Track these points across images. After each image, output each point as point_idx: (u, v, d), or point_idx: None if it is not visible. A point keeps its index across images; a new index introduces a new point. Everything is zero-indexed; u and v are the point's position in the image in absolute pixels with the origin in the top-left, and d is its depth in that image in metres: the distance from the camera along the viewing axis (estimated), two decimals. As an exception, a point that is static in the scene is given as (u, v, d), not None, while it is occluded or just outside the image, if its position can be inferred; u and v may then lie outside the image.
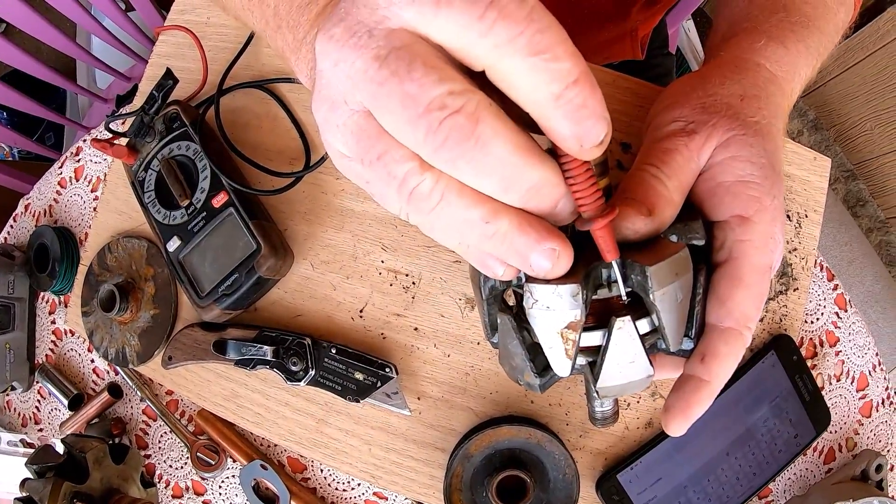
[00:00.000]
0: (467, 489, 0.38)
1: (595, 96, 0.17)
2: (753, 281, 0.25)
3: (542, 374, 0.25)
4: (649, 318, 0.24)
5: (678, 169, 0.26)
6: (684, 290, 0.24)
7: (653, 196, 0.25)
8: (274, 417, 0.39)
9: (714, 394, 0.25)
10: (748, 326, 0.25)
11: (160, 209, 0.39)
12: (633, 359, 0.24)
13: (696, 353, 0.25)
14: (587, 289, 0.22)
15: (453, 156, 0.17)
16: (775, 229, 0.26)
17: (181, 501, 0.45)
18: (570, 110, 0.17)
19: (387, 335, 0.38)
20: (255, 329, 0.38)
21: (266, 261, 0.36)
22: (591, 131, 0.18)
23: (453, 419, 0.38)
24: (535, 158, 0.18)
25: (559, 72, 0.17)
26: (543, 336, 0.23)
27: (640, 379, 0.24)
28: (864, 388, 0.47)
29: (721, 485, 0.41)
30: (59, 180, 0.49)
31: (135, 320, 0.42)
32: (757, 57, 0.31)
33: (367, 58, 0.17)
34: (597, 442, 0.39)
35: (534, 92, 0.17)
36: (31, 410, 0.50)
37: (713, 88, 0.28)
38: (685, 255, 0.24)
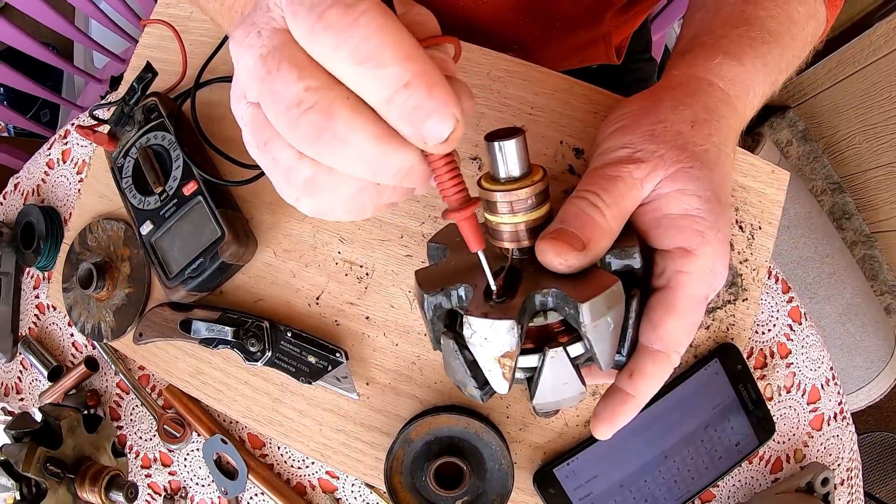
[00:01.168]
0: (407, 472, 0.44)
1: (434, 97, 0.19)
2: (687, 310, 0.28)
3: (482, 387, 0.28)
4: (583, 342, 0.27)
5: (620, 197, 0.28)
6: (615, 319, 0.26)
7: (590, 228, 0.27)
8: (234, 395, 0.45)
9: (639, 407, 0.29)
10: (677, 351, 0.28)
11: (136, 194, 0.45)
12: (565, 380, 0.27)
13: (625, 369, 0.28)
14: (523, 321, 0.25)
15: (315, 148, 0.20)
16: (717, 263, 0.28)
17: (149, 471, 0.52)
18: (402, 113, 0.19)
19: (340, 322, 0.44)
20: (218, 311, 0.44)
21: (229, 247, 0.42)
22: (430, 131, 0.19)
23: (399, 405, 0.44)
24: (395, 144, 0.20)
25: (386, 77, 0.18)
26: (482, 361, 0.26)
27: (572, 396, 0.28)
28: (816, 402, 0.51)
29: (658, 486, 0.46)
30: (47, 161, 0.56)
31: (111, 298, 0.48)
32: (711, 76, 0.32)
33: (254, 56, 0.20)
34: (536, 436, 0.44)
35: (367, 95, 0.19)
36: (13, 380, 0.57)
37: (664, 114, 0.30)
38: (618, 289, 0.26)
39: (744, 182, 0.46)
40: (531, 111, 0.44)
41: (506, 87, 0.44)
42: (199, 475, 0.50)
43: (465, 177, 0.23)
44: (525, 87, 0.44)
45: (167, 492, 0.52)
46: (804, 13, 0.37)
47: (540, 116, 0.44)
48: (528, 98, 0.44)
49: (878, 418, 1.09)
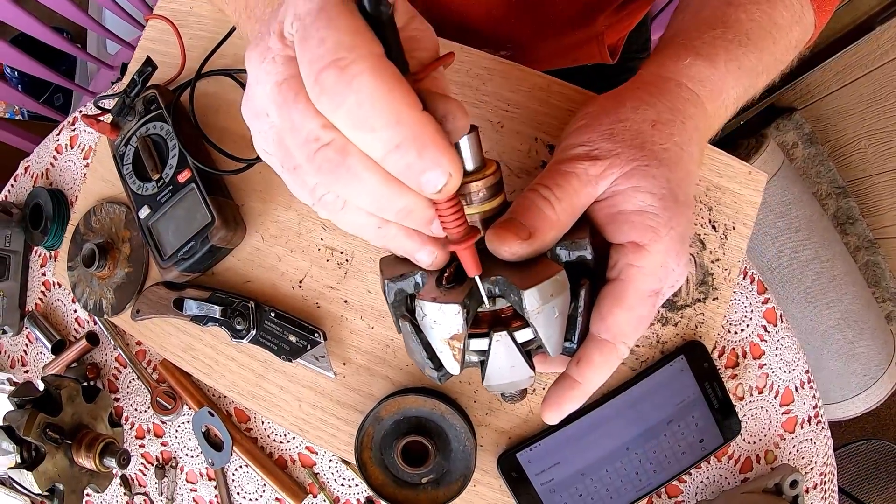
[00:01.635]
0: (377, 448, 0.48)
1: (424, 158, 0.21)
2: (635, 304, 0.29)
3: (439, 369, 0.31)
4: (530, 329, 0.29)
5: (572, 192, 0.29)
6: (560, 307, 0.28)
7: (537, 219, 0.29)
8: (222, 370, 0.50)
9: (586, 394, 0.31)
10: (624, 342, 0.30)
11: (135, 180, 0.50)
12: (513, 364, 0.30)
13: (574, 357, 0.30)
14: (470, 305, 0.28)
15: (328, 181, 0.22)
16: (669, 259, 0.29)
17: (143, 442, 0.57)
18: (397, 170, 0.21)
19: (321, 305, 0.48)
20: (209, 290, 0.49)
21: (218, 232, 0.47)
22: (425, 185, 0.22)
23: (373, 385, 0.48)
24: (403, 188, 0.22)
25: (378, 140, 0.20)
26: (435, 343, 0.29)
27: (522, 379, 0.30)
28: (789, 404, 0.53)
29: (619, 477, 0.48)
30: (56, 146, 0.62)
31: (111, 276, 0.54)
32: (679, 76, 0.34)
33: (272, 83, 0.22)
34: (502, 421, 0.48)
35: (366, 151, 0.21)
36: (19, 353, 0.63)
37: (625, 113, 0.31)
38: (562, 277, 0.28)
39: (719, 182, 0.48)
40: (507, 108, 0.48)
41: (484, 84, 0.48)
42: (189, 446, 0.56)
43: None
44: (503, 84, 0.48)
45: (159, 461, 0.57)
46: (789, 18, 0.38)
47: (516, 113, 0.48)
48: (505, 95, 0.48)
49: (875, 426, 1.10)
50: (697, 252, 0.50)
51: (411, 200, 0.23)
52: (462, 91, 0.48)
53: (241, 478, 0.54)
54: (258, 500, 0.53)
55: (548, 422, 0.32)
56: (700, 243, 0.49)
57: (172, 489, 0.56)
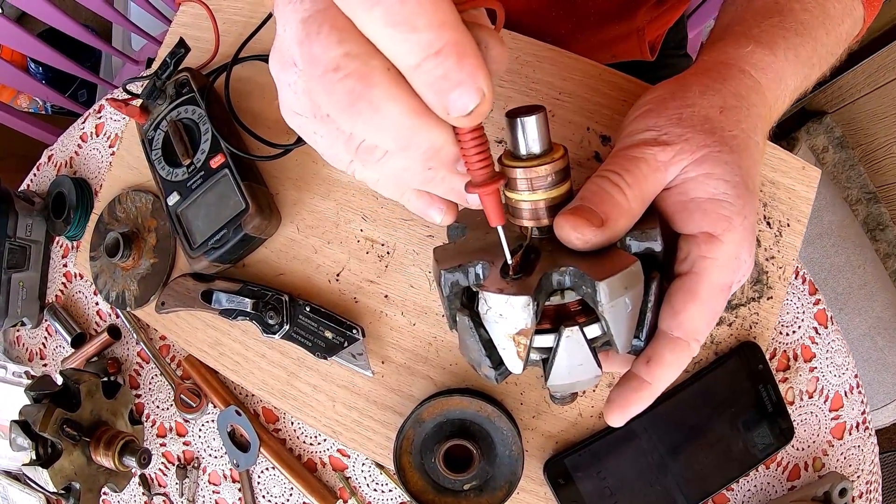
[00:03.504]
0: (417, 453, 0.43)
1: (462, 68, 0.18)
2: (709, 298, 0.27)
3: (497, 367, 0.28)
4: (599, 324, 0.26)
5: (642, 178, 0.27)
6: (633, 300, 0.26)
7: (609, 206, 0.26)
8: (251, 367, 0.45)
9: (654, 395, 0.28)
10: (696, 339, 0.27)
11: (165, 166, 0.46)
12: (581, 362, 0.26)
13: (643, 355, 0.27)
14: (539, 298, 0.25)
15: (349, 114, 0.19)
16: (742, 250, 0.27)
17: (164, 440, 0.52)
18: (428, 81, 0.18)
19: (359, 300, 0.44)
20: (239, 283, 0.44)
21: (252, 219, 0.42)
22: (455, 102, 0.19)
23: (413, 386, 0.43)
24: (427, 120, 0.20)
25: (417, 43, 0.17)
26: (497, 339, 0.26)
27: (587, 379, 0.27)
28: (838, 409, 0.49)
29: (670, 484, 0.44)
30: (80, 134, 0.57)
31: (136, 267, 0.49)
32: (742, 63, 0.32)
33: (297, 20, 0.19)
34: (549, 425, 0.43)
35: (397, 59, 0.18)
36: (38, 346, 0.58)
37: (692, 98, 0.29)
38: (637, 269, 0.26)
39: (773, 177, 0.44)
40: (559, 96, 0.43)
41: (534, 71, 0.44)
42: (213, 446, 0.50)
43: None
44: (554, 72, 0.44)
45: (180, 461, 0.52)
46: (840, 9, 0.36)
47: (568, 102, 0.43)
48: (556, 83, 0.44)
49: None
50: (753, 250, 0.45)
51: (437, 135, 0.21)
52: (511, 78, 0.43)
53: (268, 480, 0.49)
54: (285, 505, 0.48)
55: (612, 424, 0.29)
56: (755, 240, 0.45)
57: (194, 490, 0.51)
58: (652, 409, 0.44)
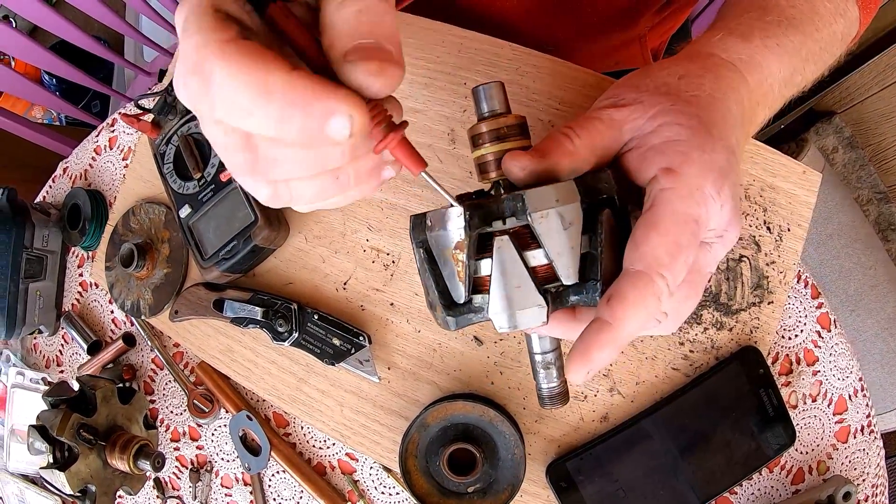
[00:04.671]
0: (422, 456, 0.45)
1: (312, 113, 0.20)
2: (669, 228, 0.26)
3: (448, 308, 0.28)
4: (542, 251, 0.26)
5: (592, 130, 0.28)
6: (569, 217, 0.26)
7: (552, 144, 0.28)
8: (261, 373, 0.47)
9: (617, 340, 0.25)
10: (661, 274, 0.25)
11: (176, 179, 0.48)
12: (519, 282, 0.26)
13: (604, 296, 0.26)
14: (476, 215, 0.26)
15: (262, 178, 0.23)
16: (705, 182, 0.26)
17: (178, 444, 0.55)
18: (299, 139, 0.21)
19: (366, 307, 0.45)
20: (250, 292, 0.47)
21: (261, 231, 0.44)
22: (334, 136, 0.21)
23: (418, 391, 0.45)
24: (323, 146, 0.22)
25: (261, 121, 0.20)
26: (440, 260, 0.27)
27: (531, 309, 0.26)
28: (842, 412, 0.50)
29: (672, 488, 0.46)
30: (94, 147, 0.60)
31: (150, 277, 0.51)
32: (709, 48, 0.33)
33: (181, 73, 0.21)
34: (551, 429, 0.45)
35: (262, 134, 0.21)
36: (54, 353, 0.61)
37: (653, 72, 0.31)
38: (569, 185, 0.27)
39: (773, 182, 0.45)
40: (558, 106, 0.45)
41: (534, 82, 0.46)
42: (225, 450, 0.53)
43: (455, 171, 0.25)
44: (553, 82, 0.45)
45: (194, 465, 0.54)
46: (832, 9, 0.36)
47: (567, 111, 0.45)
48: (555, 93, 0.45)
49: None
50: (752, 254, 0.47)
51: (337, 151, 0.22)
52: (512, 90, 0.45)
53: (278, 483, 0.51)
54: (295, 507, 0.51)
55: (573, 379, 0.26)
56: (755, 245, 0.46)
57: (207, 493, 0.53)
58: (653, 413, 0.45)
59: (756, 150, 0.45)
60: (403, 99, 0.46)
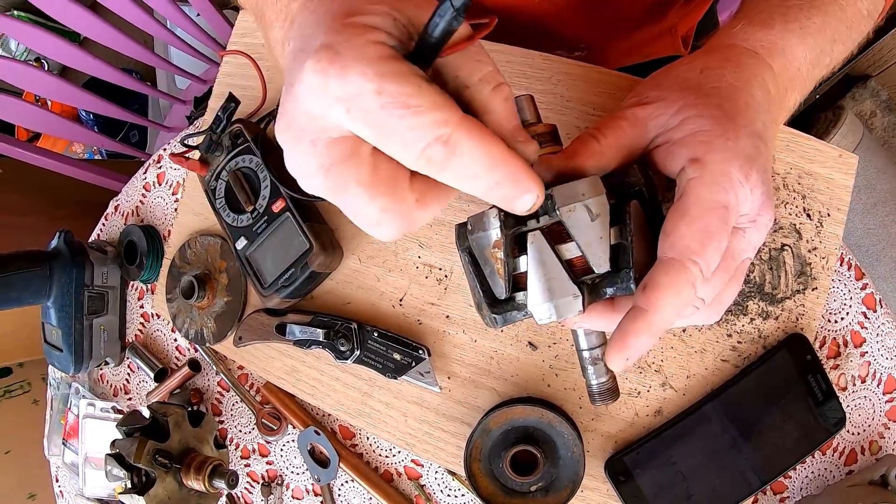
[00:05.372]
0: (485, 460, 0.47)
1: (518, 186, 0.24)
2: (698, 215, 0.27)
3: (493, 306, 0.30)
4: (574, 243, 0.28)
5: (617, 129, 0.30)
6: (596, 209, 0.28)
7: (579, 145, 0.30)
8: (326, 390, 0.50)
9: (653, 327, 0.26)
10: (693, 261, 0.26)
11: (229, 213, 0.51)
12: (554, 275, 0.28)
13: (640, 285, 0.27)
14: (510, 215, 0.28)
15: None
16: (731, 168, 0.27)
17: (248, 461, 0.58)
18: (496, 200, 0.24)
19: (422, 321, 0.48)
20: (310, 314, 0.49)
21: (317, 258, 0.47)
22: (518, 206, 0.25)
23: (478, 397, 0.48)
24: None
25: (481, 184, 0.23)
26: (482, 261, 0.29)
27: (567, 298, 0.28)
28: (892, 391, 0.51)
29: (726, 476, 0.45)
30: (144, 184, 0.63)
31: (211, 306, 0.54)
32: (730, 39, 0.34)
33: (314, 166, 0.23)
34: (608, 426, 0.47)
35: (469, 191, 0.24)
36: (121, 382, 0.65)
37: (675, 70, 0.32)
38: (594, 180, 0.28)
39: (810, 168, 0.46)
40: (593, 112, 0.47)
41: (568, 90, 0.47)
42: (295, 464, 0.56)
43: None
44: (586, 88, 0.47)
45: (265, 480, 0.58)
46: None
47: (602, 116, 0.47)
48: (589, 99, 0.47)
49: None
50: (794, 242, 0.48)
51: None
52: (547, 99, 0.47)
53: (347, 492, 0.54)
54: (365, 514, 0.54)
55: (612, 366, 0.28)
56: (796, 233, 0.48)
57: (279, 506, 0.57)
58: (704, 405, 0.47)
59: (791, 138, 0.46)
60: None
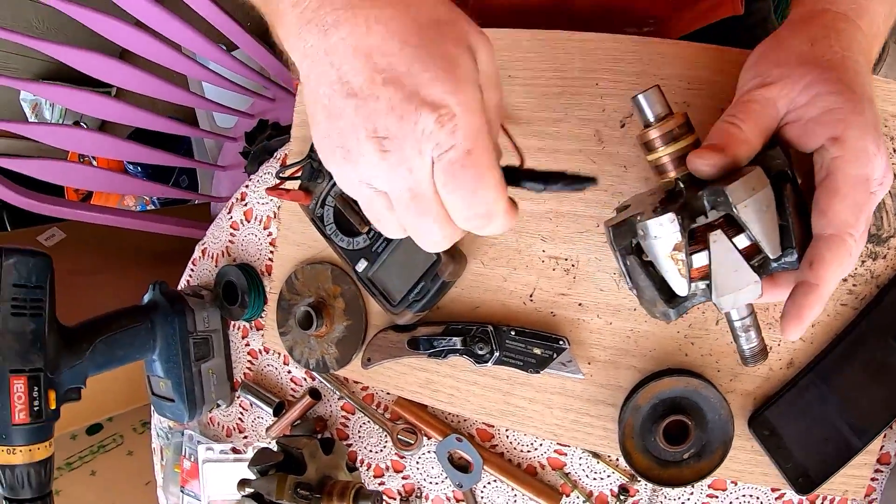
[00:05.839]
0: (638, 436, 0.49)
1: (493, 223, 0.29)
2: (849, 190, 0.30)
3: (669, 302, 0.34)
4: (745, 234, 0.31)
5: (754, 114, 0.32)
6: (765, 201, 0.31)
7: (726, 137, 0.32)
8: (465, 396, 0.51)
9: (823, 298, 0.31)
10: (850, 234, 0.30)
11: (342, 237, 0.51)
12: (735, 267, 0.31)
13: (804, 262, 0.31)
14: (683, 215, 0.31)
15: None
16: (867, 142, 0.30)
17: (382, 479, 0.59)
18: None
19: (556, 313, 0.49)
20: (441, 324, 0.50)
21: (447, 267, 0.47)
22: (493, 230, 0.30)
23: (620, 377, 0.49)
24: None
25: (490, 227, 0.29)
26: (660, 263, 0.32)
27: (749, 286, 0.32)
28: None
29: (859, 414, 0.46)
30: (230, 224, 0.63)
31: (330, 332, 0.55)
32: (821, 4, 0.35)
33: (404, 188, 0.27)
34: (745, 384, 0.49)
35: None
36: (233, 422, 0.65)
37: (784, 42, 0.34)
38: (758, 173, 0.31)
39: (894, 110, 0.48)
40: (689, 86, 0.48)
41: (660, 69, 0.48)
42: (432, 474, 0.57)
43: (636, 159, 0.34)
44: (678, 64, 0.48)
45: (402, 495, 0.58)
46: None
47: (698, 90, 0.48)
48: (684, 74, 0.48)
49: None
50: (893, 183, 0.50)
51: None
52: (643, 80, 0.48)
53: (490, 493, 0.55)
54: (511, 511, 0.55)
55: (789, 337, 0.33)
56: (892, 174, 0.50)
57: (420, 518, 0.58)
58: (830, 352, 0.49)
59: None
60: (541, 111, 0.49)
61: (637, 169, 0.47)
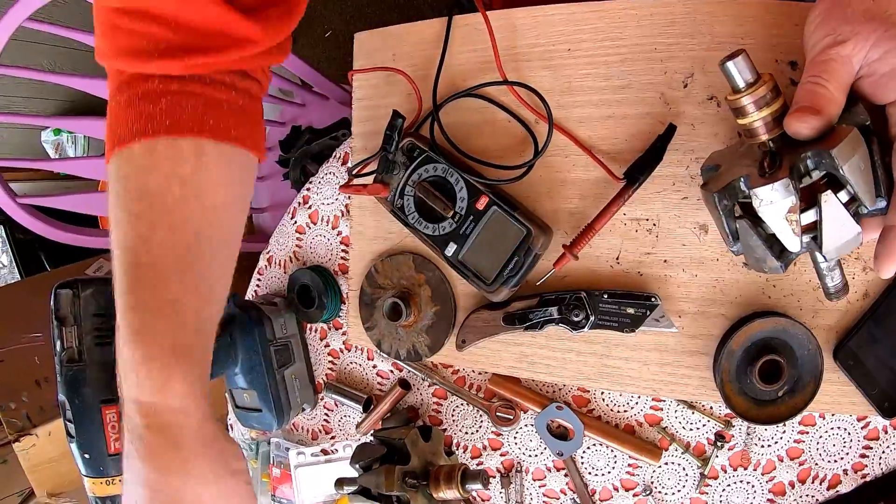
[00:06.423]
0: (734, 380, 0.51)
1: None
2: None
3: (779, 257, 0.37)
4: (845, 190, 0.35)
5: (835, 73, 0.35)
6: (863, 160, 0.34)
7: (818, 99, 0.35)
8: (562, 364, 0.53)
9: None
10: None
11: (427, 224, 0.53)
12: (842, 222, 0.35)
13: (891, 207, 0.35)
14: (794, 180, 0.34)
15: None
16: None
17: (480, 459, 0.60)
18: None
19: (643, 272, 0.51)
20: (535, 297, 0.52)
21: (538, 239, 0.49)
22: None
23: (710, 326, 0.51)
24: None
25: None
26: (774, 225, 0.35)
27: (852, 237, 0.36)
28: None
29: None
30: (295, 228, 0.64)
31: (419, 321, 0.56)
32: None
33: None
34: (826, 319, 0.51)
35: None
36: (318, 425, 0.66)
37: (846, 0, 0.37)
38: (856, 134, 0.34)
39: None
40: (742, 41, 0.50)
41: (712, 27, 0.51)
42: (530, 447, 0.59)
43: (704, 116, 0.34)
44: (729, 21, 0.50)
45: (501, 472, 0.60)
46: None
47: (750, 43, 0.50)
48: (736, 31, 0.50)
49: None
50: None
51: None
52: (697, 40, 0.50)
53: (591, 457, 0.57)
54: (611, 472, 0.57)
55: (884, 275, 0.36)
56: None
57: (521, 492, 0.59)
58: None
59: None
60: (605, 80, 0.51)
61: (705, 126, 0.50)
